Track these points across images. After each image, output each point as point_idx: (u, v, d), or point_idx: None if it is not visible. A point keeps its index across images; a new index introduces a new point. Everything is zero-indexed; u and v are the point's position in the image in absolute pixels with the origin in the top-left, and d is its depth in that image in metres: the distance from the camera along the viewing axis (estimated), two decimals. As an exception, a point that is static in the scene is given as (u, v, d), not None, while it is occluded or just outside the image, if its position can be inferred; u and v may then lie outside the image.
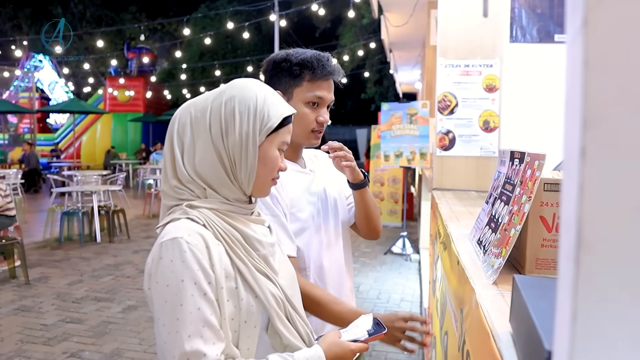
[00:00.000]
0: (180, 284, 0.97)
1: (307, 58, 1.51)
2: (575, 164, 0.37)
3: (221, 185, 1.09)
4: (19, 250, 5.58)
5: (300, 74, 1.51)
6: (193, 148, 1.08)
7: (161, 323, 0.97)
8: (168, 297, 0.97)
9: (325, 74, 1.51)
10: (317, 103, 1.52)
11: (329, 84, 1.54)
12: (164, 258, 0.99)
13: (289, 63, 1.53)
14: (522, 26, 3.17)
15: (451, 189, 3.15)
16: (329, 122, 1.58)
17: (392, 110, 6.56)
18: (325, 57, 1.54)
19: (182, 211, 1.05)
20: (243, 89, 1.10)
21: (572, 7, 0.39)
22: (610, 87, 0.36)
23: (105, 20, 26.22)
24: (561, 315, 0.40)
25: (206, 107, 1.09)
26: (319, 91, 1.51)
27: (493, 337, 0.86)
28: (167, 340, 0.96)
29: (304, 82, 1.52)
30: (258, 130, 1.08)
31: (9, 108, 17.43)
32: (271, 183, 1.16)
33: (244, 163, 1.08)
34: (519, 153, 1.30)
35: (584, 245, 0.37)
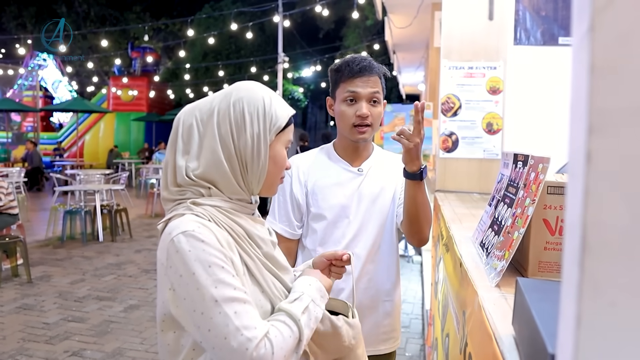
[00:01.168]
0: (208, 269, 0.97)
1: (339, 63, 1.71)
2: (581, 168, 0.37)
3: (226, 186, 1.09)
4: (21, 248, 5.60)
5: (337, 79, 1.71)
6: (200, 150, 1.09)
7: (199, 312, 0.96)
8: (198, 284, 0.96)
9: (354, 72, 1.65)
10: (353, 99, 1.66)
11: (362, 80, 1.65)
12: (181, 250, 0.98)
13: (330, 72, 1.76)
14: (526, 29, 3.16)
15: (454, 191, 3.15)
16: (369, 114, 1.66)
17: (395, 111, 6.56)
18: (353, 58, 1.69)
19: (186, 207, 1.06)
20: (250, 91, 1.12)
21: (578, 12, 0.39)
22: (616, 92, 0.36)
23: (109, 20, 26.27)
24: (565, 319, 0.40)
25: (212, 109, 1.10)
26: (351, 87, 1.65)
27: (495, 339, 0.86)
28: (212, 327, 0.95)
29: (340, 84, 1.70)
30: (269, 130, 1.10)
31: (13, 106, 17.49)
32: (279, 182, 1.19)
33: (255, 163, 1.10)
34: (523, 156, 1.30)
35: (589, 250, 0.37)
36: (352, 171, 1.75)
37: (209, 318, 0.95)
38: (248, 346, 0.93)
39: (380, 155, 1.85)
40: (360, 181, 1.74)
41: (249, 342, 0.93)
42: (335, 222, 1.72)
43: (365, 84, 1.66)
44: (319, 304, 1.12)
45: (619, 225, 0.36)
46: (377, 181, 1.76)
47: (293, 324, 1.03)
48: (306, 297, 1.10)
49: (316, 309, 1.10)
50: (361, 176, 1.75)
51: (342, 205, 1.71)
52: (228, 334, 0.94)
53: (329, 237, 1.73)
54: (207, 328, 0.96)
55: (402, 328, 4.38)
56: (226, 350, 0.94)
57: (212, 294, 0.95)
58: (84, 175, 9.39)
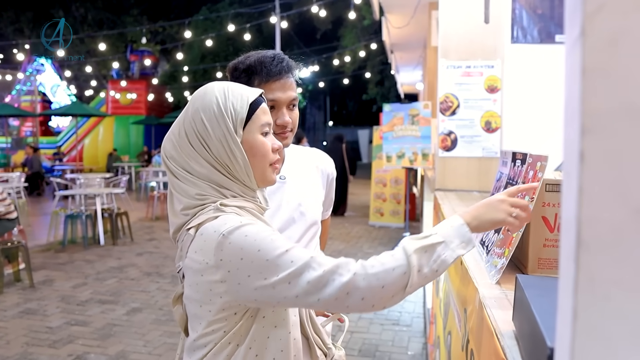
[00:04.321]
0: (271, 242, 0.99)
1: (252, 63, 1.48)
2: (575, 168, 0.39)
3: (230, 186, 1.10)
4: (23, 253, 5.60)
5: (249, 81, 1.47)
6: (190, 172, 1.09)
7: (274, 282, 0.97)
8: (268, 255, 0.97)
9: (271, 75, 1.45)
10: (272, 106, 1.45)
11: (281, 84, 1.46)
12: (236, 240, 0.99)
13: (238, 71, 1.51)
14: (523, 27, 3.18)
15: (453, 189, 3.16)
16: (290, 121, 1.49)
17: (394, 111, 6.58)
18: (270, 58, 1.48)
19: (215, 209, 1.05)
20: (202, 97, 1.11)
21: (570, 17, 0.41)
22: (607, 94, 0.38)
23: (106, 23, 26.26)
24: (562, 312, 0.41)
25: (181, 130, 1.10)
26: (269, 94, 1.43)
27: (497, 335, 0.88)
28: (291, 280, 0.96)
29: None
30: (232, 128, 1.08)
31: (12, 112, 17.48)
32: (271, 168, 1.15)
33: (234, 163, 1.08)
34: (521, 154, 1.31)
35: (584, 246, 0.38)
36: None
37: (287, 282, 0.96)
38: (352, 276, 0.95)
39: (294, 154, 1.67)
40: (286, 189, 1.57)
41: (350, 275, 0.95)
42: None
43: (284, 87, 1.47)
44: (453, 249, 1.00)
45: (613, 222, 0.38)
46: (302, 185, 1.61)
47: (402, 258, 0.97)
48: (438, 236, 1.00)
49: (446, 252, 0.99)
50: (284, 184, 1.57)
51: (273, 219, 1.51)
52: (320, 277, 0.96)
53: None
54: (291, 293, 0.96)
55: (404, 327, 4.39)
56: (328, 290, 0.95)
57: (286, 258, 0.97)
58: (84, 179, 9.39)
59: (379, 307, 0.98)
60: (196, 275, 1.03)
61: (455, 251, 0.99)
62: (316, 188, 1.66)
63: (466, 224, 1.02)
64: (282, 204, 1.55)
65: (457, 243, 1.00)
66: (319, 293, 0.95)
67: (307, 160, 1.69)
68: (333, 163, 1.78)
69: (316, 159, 1.72)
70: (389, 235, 8.30)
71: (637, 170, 0.37)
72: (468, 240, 1.01)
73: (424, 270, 0.97)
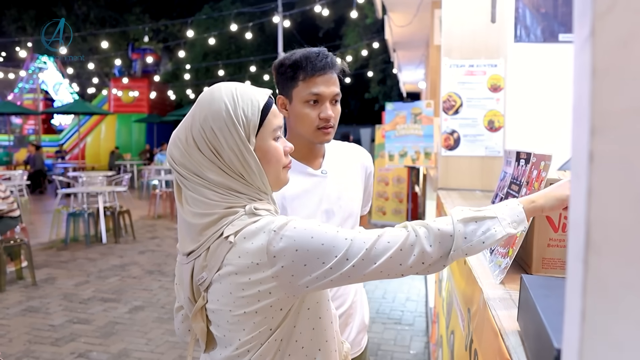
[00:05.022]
0: (319, 227, 1.01)
1: (297, 58, 1.53)
2: (584, 168, 0.38)
3: (246, 191, 1.08)
4: (25, 251, 5.61)
5: (294, 75, 1.52)
6: (205, 179, 1.05)
7: (333, 264, 0.98)
8: (323, 239, 0.99)
9: (316, 70, 1.50)
10: (316, 100, 1.52)
11: (325, 79, 1.51)
12: (287, 234, 0.99)
13: (284, 67, 1.56)
14: (526, 26, 3.17)
15: (456, 188, 3.16)
16: (333, 115, 1.54)
17: (396, 109, 6.56)
18: (315, 54, 1.52)
19: (251, 214, 1.04)
20: (210, 104, 1.06)
21: (579, 17, 0.41)
22: (617, 95, 0.37)
23: (109, 22, 26.28)
24: (570, 314, 0.41)
25: (189, 137, 1.06)
26: (314, 88, 1.50)
27: (501, 335, 0.88)
28: (349, 256, 0.98)
29: (299, 82, 1.53)
30: (245, 136, 1.05)
31: (14, 109, 17.51)
32: (284, 171, 1.14)
33: (249, 171, 1.06)
34: (525, 153, 1.31)
35: (592, 247, 0.38)
36: (315, 174, 1.62)
37: (347, 254, 0.98)
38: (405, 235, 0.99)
39: (336, 149, 1.72)
40: (326, 184, 1.62)
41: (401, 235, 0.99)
42: None
43: (328, 82, 1.52)
44: (504, 226, 1.00)
45: (622, 224, 0.38)
46: (343, 180, 1.66)
47: (449, 222, 1.01)
48: (490, 211, 1.02)
49: (497, 227, 1.00)
50: (325, 178, 1.62)
51: (312, 213, 1.59)
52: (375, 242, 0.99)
53: None
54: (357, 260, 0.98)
55: (406, 326, 4.39)
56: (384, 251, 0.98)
57: (340, 237, 1.00)
58: (86, 177, 9.41)
59: (427, 268, 1.01)
60: (240, 280, 1.01)
61: (505, 228, 1.00)
62: (356, 182, 1.71)
63: (521, 204, 1.03)
64: (323, 198, 1.60)
65: (509, 221, 1.00)
66: (375, 257, 0.98)
67: (347, 155, 1.74)
68: (371, 158, 1.81)
69: (356, 154, 1.76)
70: (391, 234, 8.30)
71: (647, 171, 0.37)
72: (520, 221, 1.01)
73: (470, 237, 0.99)
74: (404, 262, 0.98)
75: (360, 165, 1.73)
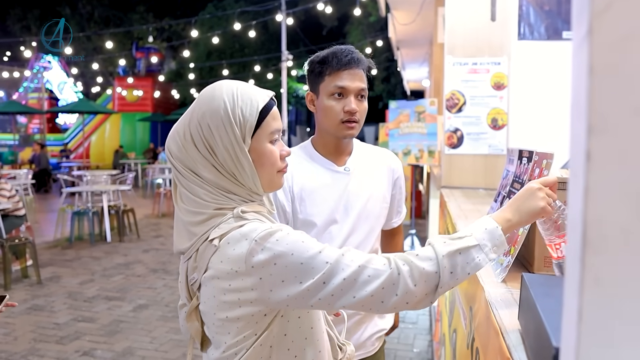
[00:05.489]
0: (302, 244, 0.97)
1: (325, 54, 1.58)
2: (581, 167, 0.38)
3: (237, 191, 1.08)
4: (30, 250, 5.64)
5: (322, 71, 1.57)
6: (198, 175, 1.06)
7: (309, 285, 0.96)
8: (301, 258, 0.96)
9: (341, 64, 1.54)
10: (340, 93, 1.55)
11: (350, 74, 1.55)
12: (268, 246, 0.97)
13: (313, 64, 1.61)
14: (530, 23, 3.16)
15: (460, 186, 3.15)
16: (357, 110, 1.56)
17: (400, 108, 6.55)
18: (341, 50, 1.57)
19: (238, 217, 1.03)
20: (209, 101, 1.06)
21: (577, 15, 0.41)
22: (615, 93, 0.37)
23: (113, 21, 26.35)
24: (568, 313, 0.41)
25: (186, 132, 1.06)
26: (339, 81, 1.54)
27: (502, 334, 0.88)
28: (326, 279, 0.95)
29: (325, 77, 1.57)
30: (240, 136, 1.03)
31: (19, 109, 17.58)
32: (279, 175, 1.12)
33: (242, 171, 1.05)
34: (527, 152, 1.30)
35: (590, 246, 0.38)
36: (338, 171, 1.63)
37: (322, 282, 0.95)
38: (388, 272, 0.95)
39: (363, 150, 1.73)
40: (348, 181, 1.63)
41: (384, 270, 0.95)
42: (325, 228, 1.60)
43: (353, 77, 1.56)
44: (487, 253, 0.98)
45: (619, 222, 0.37)
46: (364, 179, 1.66)
47: (433, 258, 0.96)
48: (472, 239, 0.98)
49: (480, 256, 0.97)
50: (348, 176, 1.63)
51: (330, 209, 1.60)
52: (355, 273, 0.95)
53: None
54: (326, 292, 0.95)
55: (409, 324, 4.39)
56: (364, 286, 0.95)
57: (320, 258, 0.96)
58: (91, 176, 9.44)
59: (412, 305, 0.97)
60: (222, 285, 1.00)
61: (488, 255, 0.98)
62: (381, 184, 1.70)
63: (500, 226, 1.00)
64: (342, 194, 1.61)
65: (490, 247, 0.99)
66: (355, 290, 0.95)
67: (375, 157, 1.74)
68: (400, 163, 1.80)
69: (384, 157, 1.76)
70: (394, 232, 8.29)
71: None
72: (500, 244, 1.00)
73: (456, 271, 0.96)
74: (387, 301, 0.95)
75: (387, 168, 1.73)
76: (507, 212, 1.03)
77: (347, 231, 1.61)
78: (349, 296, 0.95)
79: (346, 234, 1.61)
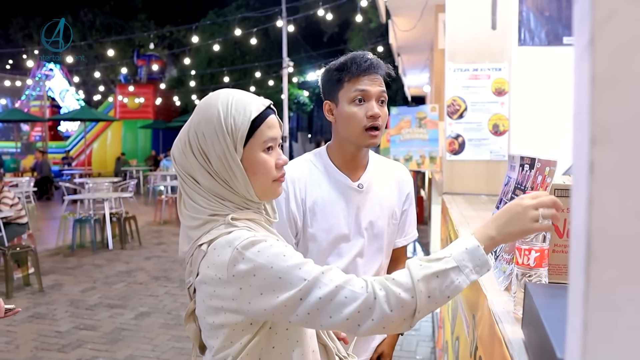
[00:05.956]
0: (283, 259, 0.97)
1: (343, 61, 1.55)
2: (584, 178, 0.38)
3: (232, 199, 1.09)
4: (32, 257, 5.63)
5: (340, 78, 1.53)
6: (197, 181, 1.07)
7: (286, 299, 0.95)
8: (281, 273, 0.96)
9: (361, 70, 1.51)
10: (362, 98, 1.51)
11: (370, 78, 1.52)
12: (249, 255, 0.97)
13: (330, 72, 1.57)
14: (530, 29, 3.16)
15: (461, 193, 3.15)
16: (381, 114, 1.52)
17: (401, 114, 6.56)
18: (360, 55, 1.55)
19: (227, 224, 1.04)
20: (205, 109, 1.07)
21: (578, 25, 0.40)
22: (617, 103, 0.37)
23: (114, 29, 26.45)
24: (572, 325, 0.40)
25: (186, 139, 1.08)
26: (359, 86, 1.50)
27: (505, 343, 0.87)
28: (303, 296, 0.95)
29: (344, 84, 1.53)
30: (231, 145, 1.04)
31: (21, 117, 17.65)
32: (274, 185, 1.11)
33: (234, 180, 1.06)
34: (529, 159, 1.30)
35: (594, 258, 0.37)
36: (352, 187, 1.59)
37: (298, 299, 0.95)
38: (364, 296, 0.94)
39: (377, 164, 1.69)
40: (361, 198, 1.59)
41: (361, 294, 0.94)
42: (335, 244, 1.57)
43: (373, 82, 1.52)
44: (467, 274, 0.95)
45: (623, 234, 0.37)
46: (377, 197, 1.62)
47: (408, 283, 0.94)
48: (451, 261, 0.95)
49: (460, 278, 0.94)
50: (361, 193, 1.59)
51: (341, 226, 1.56)
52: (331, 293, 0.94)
53: (323, 260, 1.56)
54: (303, 310, 0.95)
55: (412, 331, 4.37)
56: (340, 307, 0.94)
57: (299, 274, 0.96)
58: (93, 183, 9.45)
59: (390, 330, 0.97)
60: (208, 290, 1.02)
61: (469, 276, 0.95)
62: (392, 201, 1.66)
63: (482, 245, 0.97)
64: (352, 212, 1.57)
65: (471, 267, 0.95)
66: (331, 310, 0.94)
67: (389, 172, 1.70)
68: (412, 179, 1.76)
69: (396, 172, 1.71)
70: (396, 238, 8.29)
71: (648, 181, 0.36)
72: (483, 264, 0.96)
73: (434, 295, 0.94)
74: (363, 325, 0.94)
75: (399, 184, 1.69)
76: (491, 228, 0.99)
77: (356, 250, 1.58)
78: (326, 316, 0.94)
79: (355, 252, 1.58)
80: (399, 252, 1.77)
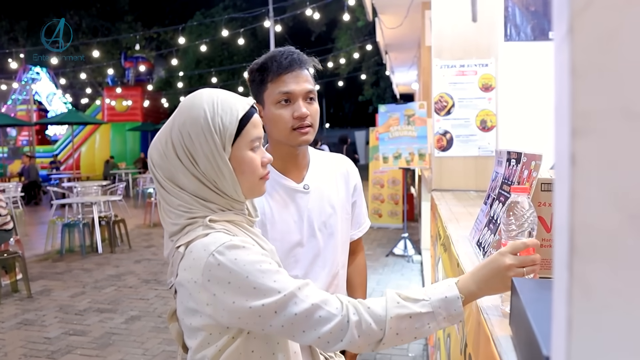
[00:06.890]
0: (259, 269, 0.96)
1: (264, 61, 1.46)
2: (566, 171, 0.37)
3: (217, 200, 1.07)
4: (20, 263, 5.57)
5: (263, 79, 1.45)
6: (177, 184, 1.06)
7: (260, 310, 0.95)
8: (256, 283, 0.95)
9: (282, 68, 1.42)
10: (287, 99, 1.43)
11: (294, 76, 1.43)
12: (225, 261, 0.96)
13: (252, 73, 1.49)
14: (516, 25, 3.17)
15: (450, 189, 3.15)
16: (309, 113, 1.44)
17: (390, 111, 6.56)
18: (280, 52, 1.46)
19: (205, 226, 1.03)
20: (190, 109, 1.06)
21: (557, 14, 0.39)
22: (599, 94, 0.36)
23: (101, 31, 26.28)
24: (557, 321, 0.40)
25: (168, 141, 1.06)
26: (283, 87, 1.41)
27: (493, 340, 0.86)
28: (277, 309, 0.95)
29: (267, 85, 1.45)
30: (220, 145, 1.03)
31: (8, 121, 17.43)
32: (260, 182, 1.11)
33: (222, 179, 1.05)
34: (516, 153, 1.30)
35: (577, 253, 0.37)
36: (297, 189, 1.51)
37: (273, 311, 0.94)
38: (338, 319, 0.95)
39: (319, 160, 1.60)
40: (308, 199, 1.51)
41: (336, 315, 0.95)
42: (289, 252, 1.48)
43: (298, 80, 1.43)
44: (439, 321, 0.97)
45: (607, 228, 0.36)
46: (325, 195, 1.54)
47: (382, 316, 0.96)
48: (427, 305, 0.97)
49: (432, 324, 0.97)
50: (308, 194, 1.51)
51: (292, 232, 1.48)
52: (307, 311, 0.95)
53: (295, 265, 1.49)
54: (277, 322, 0.95)
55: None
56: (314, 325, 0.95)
57: (274, 286, 0.95)
58: (81, 187, 9.36)
59: (353, 350, 0.99)
60: (186, 292, 1.01)
61: (440, 324, 0.97)
62: (341, 196, 1.59)
63: (461, 296, 0.97)
64: (304, 215, 1.49)
65: (445, 316, 0.97)
66: (305, 327, 0.95)
67: (332, 167, 1.62)
68: (356, 169, 1.70)
69: (339, 164, 1.64)
70: (387, 236, 8.29)
71: (631, 173, 0.35)
72: (457, 315, 0.98)
73: (402, 334, 0.97)
74: (332, 344, 0.96)
75: (344, 176, 1.63)
76: (472, 283, 0.99)
77: (313, 253, 1.51)
78: (299, 330, 0.96)
79: (312, 256, 1.51)
80: (356, 244, 1.73)
